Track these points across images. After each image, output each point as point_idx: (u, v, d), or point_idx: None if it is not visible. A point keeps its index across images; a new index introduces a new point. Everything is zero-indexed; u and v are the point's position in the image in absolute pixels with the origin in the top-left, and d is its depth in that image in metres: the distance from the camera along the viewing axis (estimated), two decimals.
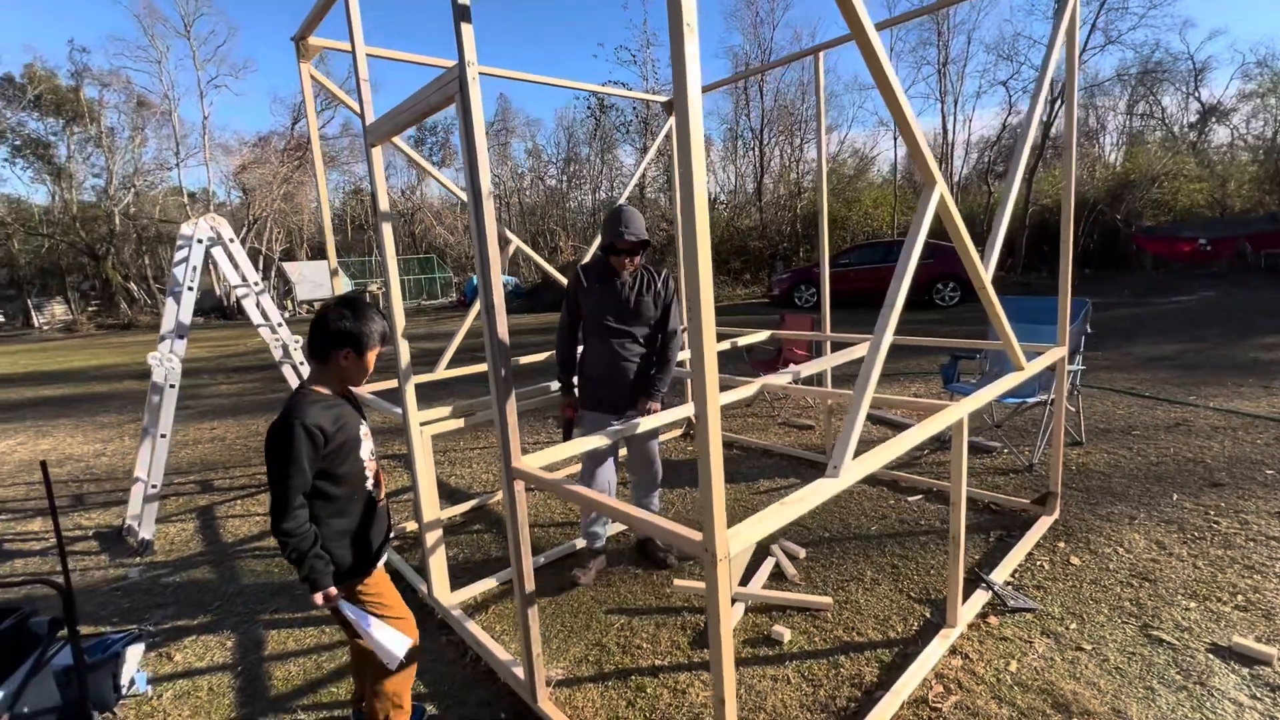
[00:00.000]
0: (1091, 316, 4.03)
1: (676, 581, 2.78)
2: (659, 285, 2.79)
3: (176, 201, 30.24)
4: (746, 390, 2.64)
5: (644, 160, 4.87)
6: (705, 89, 4.09)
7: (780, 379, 2.70)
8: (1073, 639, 2.23)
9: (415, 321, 18.85)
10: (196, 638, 2.67)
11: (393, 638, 1.64)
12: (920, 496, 3.54)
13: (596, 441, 2.25)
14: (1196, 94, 23.96)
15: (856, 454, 1.70)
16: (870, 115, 32.41)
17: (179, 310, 3.69)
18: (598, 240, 3.03)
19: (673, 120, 4.56)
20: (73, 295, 28.54)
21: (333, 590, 1.62)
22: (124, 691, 2.06)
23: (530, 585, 1.97)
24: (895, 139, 24.49)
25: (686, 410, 2.46)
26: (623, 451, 3.10)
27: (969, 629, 2.33)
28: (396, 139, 2.83)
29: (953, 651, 2.21)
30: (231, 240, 3.92)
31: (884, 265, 12.77)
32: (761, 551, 2.99)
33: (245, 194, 29.52)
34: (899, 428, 4.86)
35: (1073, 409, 4.23)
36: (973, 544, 2.98)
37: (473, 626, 2.47)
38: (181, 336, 3.68)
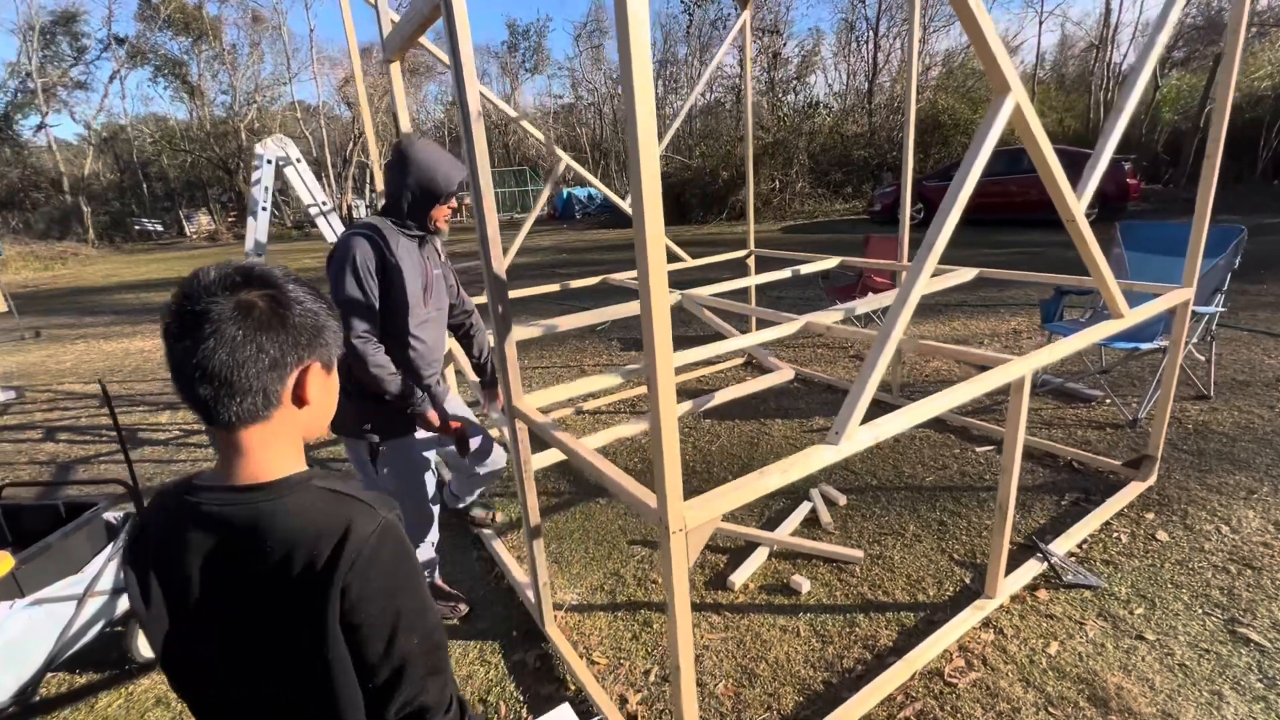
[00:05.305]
0: (1266, 243, 3.30)
1: None
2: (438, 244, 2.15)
3: (294, 116, 32.02)
4: (787, 329, 2.42)
5: (714, 61, 4.41)
6: None
7: (825, 318, 2.45)
8: (1134, 625, 1.97)
9: (507, 236, 19.21)
10: None
11: None
12: (991, 448, 3.21)
13: (608, 382, 2.13)
14: None
15: (931, 393, 1.51)
16: None
17: (257, 228, 3.91)
18: (407, 195, 1.95)
19: (748, 13, 3.99)
20: (214, 207, 31.69)
21: None
22: None
23: (536, 519, 1.98)
24: (1041, 23, 20.79)
25: (741, 343, 2.30)
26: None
27: (1011, 601, 2.12)
28: (424, 41, 2.71)
29: (985, 624, 2.03)
30: (299, 160, 4.03)
31: (1008, 177, 11.17)
32: (799, 494, 2.87)
33: (350, 107, 30.65)
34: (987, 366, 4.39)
35: (1202, 357, 3.60)
36: (1041, 506, 2.68)
37: (499, 546, 2.58)
38: (260, 254, 3.92)
